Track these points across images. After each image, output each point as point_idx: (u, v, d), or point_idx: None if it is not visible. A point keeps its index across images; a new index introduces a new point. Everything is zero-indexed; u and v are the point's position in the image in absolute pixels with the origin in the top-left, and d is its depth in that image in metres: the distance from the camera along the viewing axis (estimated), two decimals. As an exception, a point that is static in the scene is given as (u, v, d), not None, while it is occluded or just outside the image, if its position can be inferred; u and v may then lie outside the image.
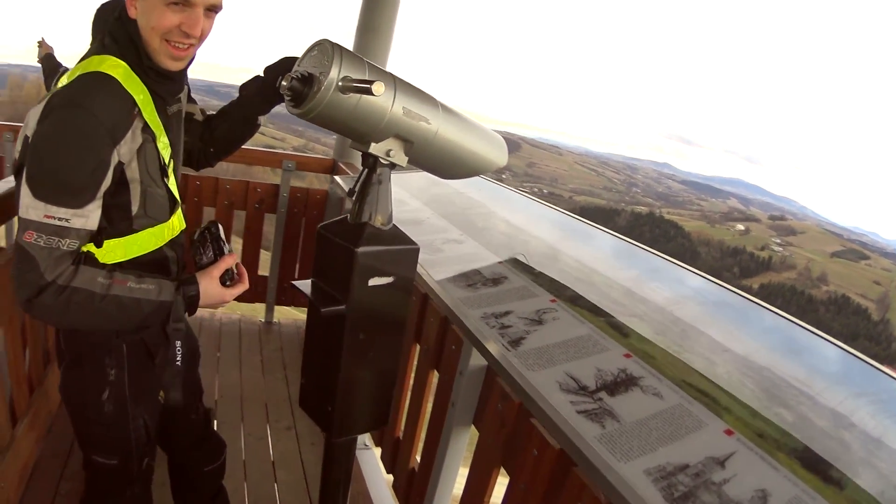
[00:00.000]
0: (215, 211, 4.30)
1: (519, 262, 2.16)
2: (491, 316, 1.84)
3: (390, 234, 1.85)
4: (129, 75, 1.44)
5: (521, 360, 1.59)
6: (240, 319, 4.52)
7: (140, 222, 1.54)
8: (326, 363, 1.90)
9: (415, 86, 1.80)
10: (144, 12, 1.42)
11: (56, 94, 1.38)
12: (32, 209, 1.35)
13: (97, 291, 1.41)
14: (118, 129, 1.40)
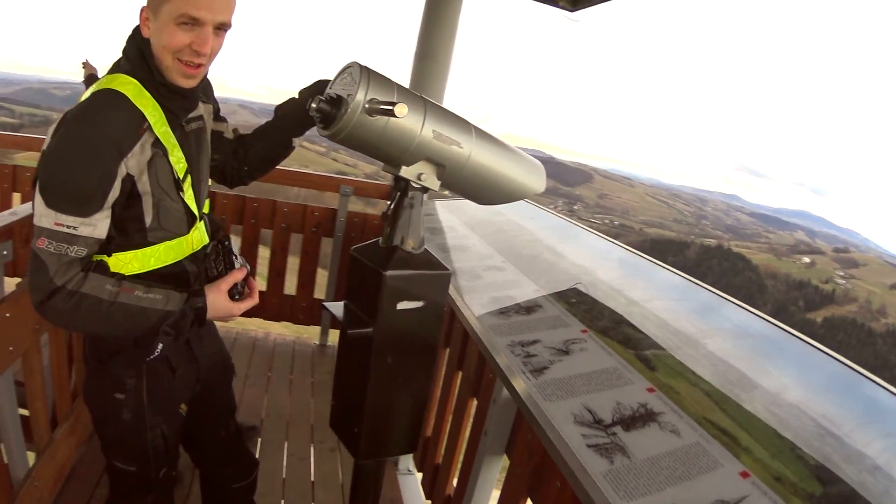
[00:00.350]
0: (272, 233, 4.39)
1: (557, 290, 2.10)
2: (517, 344, 1.81)
3: (421, 259, 1.84)
4: (141, 92, 1.50)
5: (539, 390, 1.54)
6: (294, 341, 4.59)
7: (155, 235, 1.59)
8: (355, 385, 1.89)
9: (447, 109, 1.79)
10: (157, 32, 1.47)
11: (69, 111, 1.45)
12: (44, 217, 1.41)
13: (105, 298, 1.46)
14: (125, 142, 1.45)
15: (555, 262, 2.40)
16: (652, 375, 1.48)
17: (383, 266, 1.74)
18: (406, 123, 1.64)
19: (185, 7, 1.44)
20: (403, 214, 1.81)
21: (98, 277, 1.47)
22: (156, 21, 1.46)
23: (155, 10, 1.45)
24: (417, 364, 1.90)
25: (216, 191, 4.35)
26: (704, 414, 1.30)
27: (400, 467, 3.11)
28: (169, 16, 1.45)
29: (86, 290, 1.45)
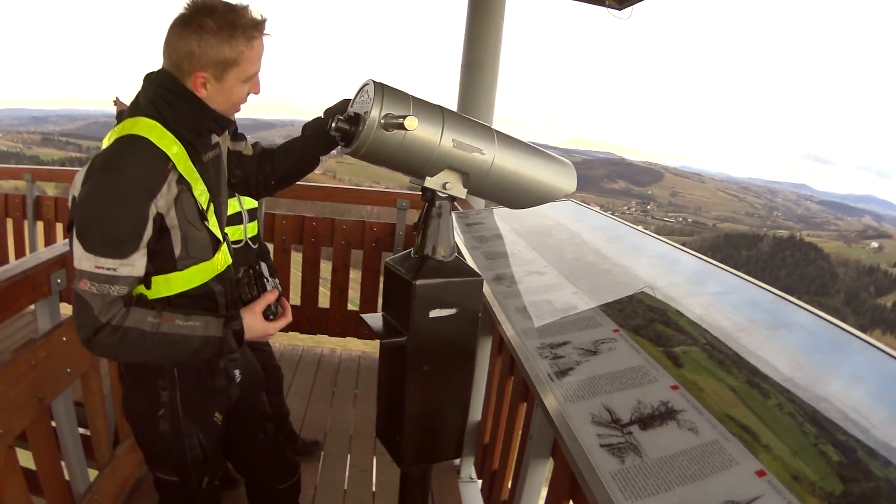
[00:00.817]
0: (333, 251, 4.46)
1: (595, 291, 2.06)
2: (547, 347, 1.78)
3: (452, 266, 1.87)
4: (164, 133, 1.57)
5: (562, 391, 1.52)
6: (360, 356, 4.65)
7: (184, 262, 1.66)
8: (394, 393, 1.92)
9: (466, 117, 1.80)
10: (221, 92, 1.62)
11: (96, 158, 1.54)
12: (84, 261, 1.49)
13: (147, 330, 1.54)
14: (153, 185, 1.52)
15: (596, 263, 2.35)
16: (678, 372, 1.43)
17: (413, 275, 1.77)
18: (424, 135, 1.68)
19: (251, 69, 1.62)
20: (432, 224, 1.84)
21: (139, 311, 1.55)
22: (219, 83, 1.59)
23: (218, 76, 1.58)
24: (455, 370, 1.91)
25: (274, 212, 4.48)
26: (727, 410, 1.25)
27: (462, 475, 3.10)
28: (237, 78, 1.61)
29: (129, 323, 1.53)
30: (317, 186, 4.63)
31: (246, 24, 1.58)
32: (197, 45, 1.54)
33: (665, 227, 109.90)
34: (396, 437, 1.93)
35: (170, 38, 1.57)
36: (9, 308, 2.10)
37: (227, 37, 1.55)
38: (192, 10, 1.55)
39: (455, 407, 1.98)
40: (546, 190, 1.92)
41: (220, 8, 1.55)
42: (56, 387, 2.14)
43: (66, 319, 2.20)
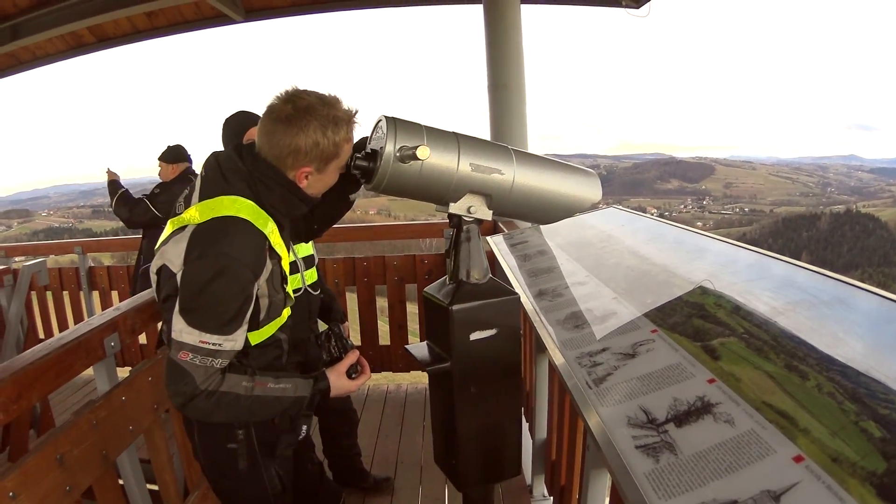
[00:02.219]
0: (387, 287, 4.51)
1: (634, 294, 1.98)
2: (585, 356, 1.74)
3: (487, 288, 1.89)
4: (258, 212, 1.67)
5: (599, 397, 1.48)
6: (425, 388, 4.61)
7: (264, 322, 1.76)
8: (446, 419, 1.96)
9: (482, 139, 1.84)
10: (320, 181, 1.75)
11: (198, 236, 1.61)
12: (187, 334, 1.56)
13: (242, 394, 1.63)
14: (258, 266, 1.64)
15: (635, 266, 2.29)
16: (715, 366, 1.38)
17: (449, 301, 1.81)
18: (441, 162, 1.72)
19: (346, 157, 1.74)
20: (463, 248, 1.89)
21: (234, 376, 1.63)
22: (320, 174, 1.73)
23: (321, 168, 1.71)
24: (502, 389, 1.94)
25: (324, 257, 4.54)
26: (764, 398, 1.18)
27: (535, 494, 3.05)
28: (336, 166, 1.74)
29: (225, 388, 1.61)
30: (364, 227, 4.72)
31: (344, 118, 1.68)
32: (304, 143, 1.64)
33: (724, 220, 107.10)
34: (452, 461, 1.94)
35: (270, 132, 1.66)
36: (66, 373, 2.16)
37: (331, 134, 1.65)
38: (292, 108, 1.64)
39: (508, 425, 1.99)
40: (570, 202, 1.94)
41: (319, 106, 1.65)
42: (119, 444, 2.20)
43: (124, 380, 2.31)
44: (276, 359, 1.89)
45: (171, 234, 1.70)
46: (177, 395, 1.60)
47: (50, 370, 2.05)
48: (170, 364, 1.60)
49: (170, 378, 1.61)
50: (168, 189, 4.43)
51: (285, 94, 1.68)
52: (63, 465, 1.85)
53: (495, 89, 4.63)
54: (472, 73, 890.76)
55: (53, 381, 2.08)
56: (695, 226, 2.84)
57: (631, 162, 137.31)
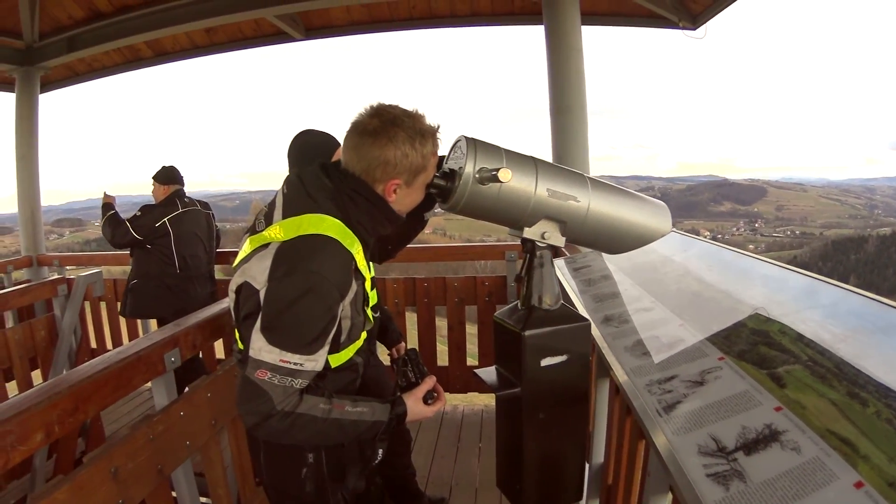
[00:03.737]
0: (447, 309, 4.70)
1: (699, 321, 2.13)
2: (655, 383, 1.88)
3: (559, 314, 2.01)
4: (345, 231, 1.77)
5: (670, 425, 1.62)
6: (482, 410, 4.82)
7: (343, 345, 1.87)
8: (513, 443, 2.04)
9: (559, 166, 1.93)
10: (408, 195, 1.85)
11: (284, 253, 1.70)
12: (266, 353, 1.65)
13: (319, 416, 1.71)
14: (344, 287, 1.73)
15: (699, 293, 2.44)
16: (781, 393, 1.52)
17: (522, 327, 1.91)
18: (519, 186, 1.81)
19: (433, 172, 1.85)
20: (535, 274, 1.98)
21: (311, 398, 1.72)
22: (408, 188, 1.82)
23: (409, 181, 1.80)
24: (570, 415, 2.03)
25: (383, 277, 4.75)
26: (828, 425, 1.33)
27: (588, 519, 3.15)
28: (423, 181, 1.84)
29: (301, 410, 1.69)
30: (426, 247, 4.89)
31: (429, 132, 1.80)
32: (393, 155, 1.74)
33: (776, 243, 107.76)
34: (517, 486, 2.04)
35: (358, 146, 1.77)
36: (125, 387, 2.25)
37: (418, 145, 1.76)
38: (379, 121, 1.75)
39: (572, 451, 2.09)
40: (642, 232, 2.02)
41: (405, 119, 1.76)
42: (175, 459, 2.30)
43: (183, 395, 2.46)
44: (350, 382, 1.99)
45: (253, 252, 1.78)
46: (251, 415, 1.67)
47: (108, 384, 2.15)
48: (245, 382, 1.68)
49: (244, 397, 1.68)
50: (150, 212, 4.99)
51: (371, 109, 1.78)
52: (117, 479, 1.95)
53: (558, 112, 4.85)
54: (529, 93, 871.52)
55: (111, 394, 2.18)
56: (747, 248, 2.94)
57: (685, 184, 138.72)
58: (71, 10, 6.77)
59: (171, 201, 5.08)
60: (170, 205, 5.06)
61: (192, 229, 5.17)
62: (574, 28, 4.81)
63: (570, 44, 4.80)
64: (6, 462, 1.75)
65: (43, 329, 4.57)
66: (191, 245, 5.15)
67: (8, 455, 1.75)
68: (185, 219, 5.11)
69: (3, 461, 1.74)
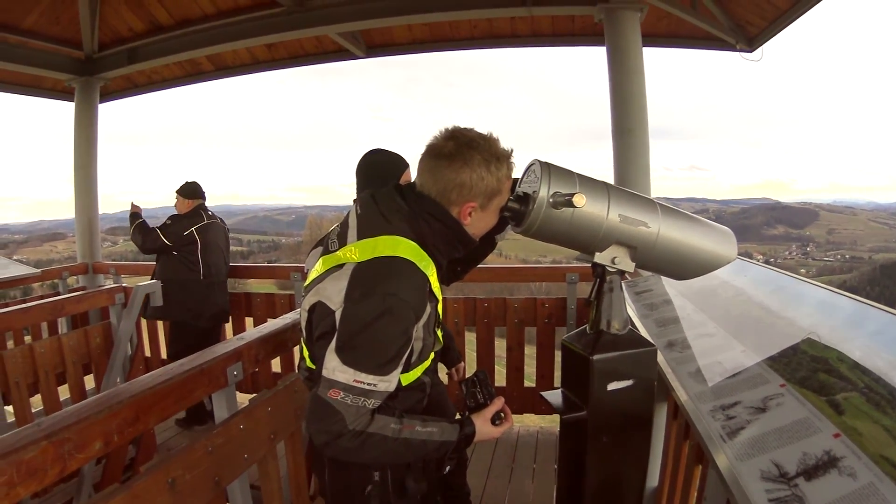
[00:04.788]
0: (506, 329, 4.85)
1: (761, 348, 2.22)
2: (719, 409, 1.99)
3: (627, 339, 2.10)
4: (420, 253, 1.85)
5: (733, 450, 1.74)
6: (538, 431, 4.97)
7: (413, 365, 1.93)
8: (575, 467, 2.15)
9: (631, 192, 2.03)
10: (482, 219, 1.94)
11: (360, 275, 1.79)
12: (340, 372, 1.72)
13: (389, 435, 1.78)
14: (420, 308, 1.81)
15: (761, 318, 2.55)
16: (839, 420, 1.63)
17: (590, 351, 2.02)
18: (592, 211, 1.91)
19: (507, 196, 1.94)
20: (605, 298, 2.09)
21: (383, 418, 1.79)
22: (483, 211, 1.91)
23: (484, 205, 1.89)
24: (633, 440, 2.13)
25: (444, 296, 4.90)
26: (882, 451, 1.45)
27: (644, 540, 3.25)
28: (498, 204, 1.93)
29: (372, 429, 1.76)
30: (486, 268, 5.04)
31: (504, 156, 1.88)
32: (469, 177, 1.83)
33: (826, 267, 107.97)
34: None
35: (433, 169, 1.86)
36: (186, 398, 2.34)
37: (494, 168, 1.84)
38: (454, 144, 1.84)
39: (633, 475, 2.18)
40: (708, 259, 2.09)
41: (481, 142, 1.84)
42: (233, 471, 2.35)
43: (243, 409, 2.54)
44: (418, 402, 2.05)
45: (327, 272, 1.86)
46: (322, 433, 1.74)
47: (170, 395, 2.24)
48: (317, 401, 1.74)
49: (316, 416, 1.74)
50: (178, 221, 5.65)
51: (446, 132, 1.86)
52: (174, 490, 2.01)
53: (620, 134, 5.03)
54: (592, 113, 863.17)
55: (173, 406, 2.27)
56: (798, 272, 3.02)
57: (739, 207, 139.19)
58: (131, 22, 7.19)
59: (196, 213, 5.74)
60: (196, 216, 5.71)
61: (216, 240, 5.80)
62: (635, 50, 5.00)
63: (631, 65, 4.98)
64: (62, 469, 1.81)
65: (98, 336, 4.81)
66: (214, 254, 5.74)
67: (65, 462, 1.81)
68: (210, 230, 5.74)
69: (60, 468, 1.80)
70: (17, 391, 4.13)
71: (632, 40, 5.02)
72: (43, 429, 1.81)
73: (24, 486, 1.68)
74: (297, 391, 2.84)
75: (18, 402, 4.15)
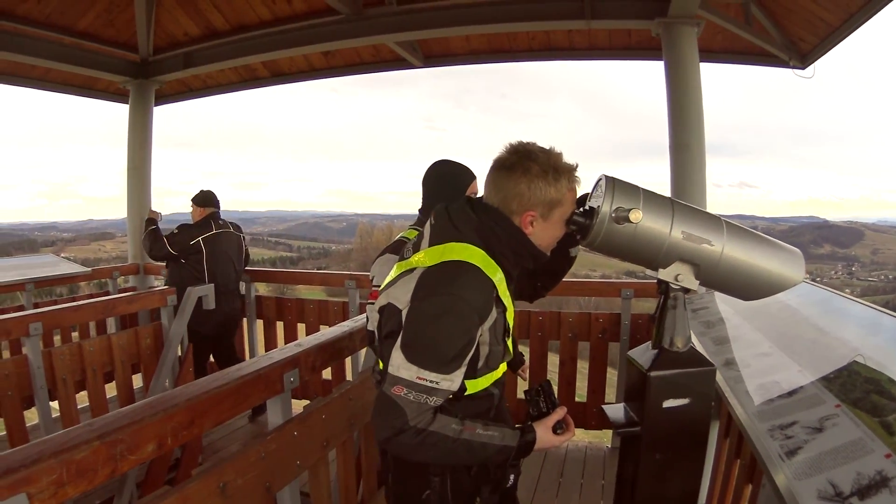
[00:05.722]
0: (560, 343, 4.99)
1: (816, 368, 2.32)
2: (777, 428, 2.08)
3: (687, 357, 2.16)
4: (487, 261, 1.96)
5: (791, 470, 1.84)
6: (587, 446, 5.09)
7: (481, 371, 2.04)
8: (629, 481, 2.25)
9: (696, 208, 2.08)
10: (545, 229, 2.04)
11: (428, 277, 1.93)
12: (404, 370, 1.85)
13: (450, 435, 1.89)
14: (484, 311, 1.91)
15: (816, 339, 2.64)
16: (891, 441, 1.72)
17: (648, 367, 2.11)
18: (655, 227, 1.96)
19: (570, 209, 2.04)
20: (668, 315, 2.16)
21: (444, 418, 1.91)
22: (545, 222, 2.01)
23: (545, 214, 2.00)
24: (686, 459, 2.21)
25: None
26: None
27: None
28: (561, 217, 2.03)
29: (433, 428, 1.87)
30: None
31: (564, 169, 1.99)
32: (527, 187, 1.96)
33: (870, 288, 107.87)
34: None
35: (496, 179, 2.01)
36: (242, 404, 2.42)
37: (552, 179, 1.96)
38: (515, 156, 1.98)
39: (684, 495, 2.25)
40: (775, 280, 2.10)
41: (540, 154, 1.97)
42: (284, 477, 2.46)
43: (298, 415, 2.66)
44: (484, 412, 2.12)
45: (399, 276, 2.02)
46: (384, 429, 1.87)
47: (226, 400, 2.32)
48: (382, 398, 1.88)
49: (380, 411, 1.88)
50: (186, 230, 6.06)
51: (510, 146, 2.01)
52: (224, 494, 2.11)
53: (677, 149, 5.22)
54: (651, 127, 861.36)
55: (228, 410, 2.36)
56: (844, 292, 3.08)
57: (787, 225, 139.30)
58: (187, 27, 7.57)
59: (205, 223, 6.14)
60: (204, 226, 6.12)
61: (224, 249, 6.20)
62: (693, 65, 5.19)
63: (689, 80, 5.17)
64: (113, 470, 1.90)
65: (149, 337, 5.10)
66: (221, 263, 6.15)
67: (116, 463, 1.90)
68: (218, 239, 6.15)
69: (111, 469, 1.88)
70: (64, 388, 4.37)
71: (689, 55, 5.19)
72: (95, 429, 1.90)
73: (72, 485, 1.77)
74: (352, 399, 2.99)
75: (64, 398, 4.38)
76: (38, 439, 1.83)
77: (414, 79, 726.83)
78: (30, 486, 1.64)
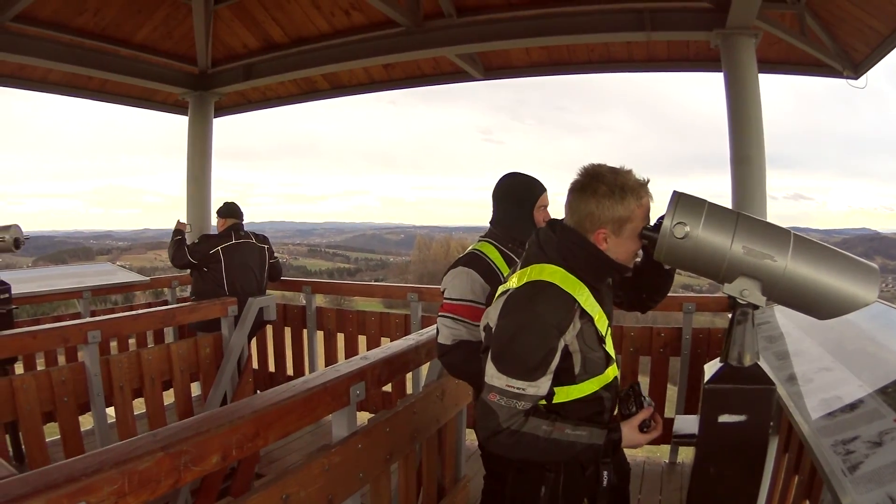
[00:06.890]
0: (621, 357, 4.89)
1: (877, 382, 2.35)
2: (840, 443, 2.14)
3: (749, 373, 2.12)
4: (567, 277, 2.14)
5: (853, 485, 1.88)
6: (644, 461, 5.08)
7: (581, 378, 2.19)
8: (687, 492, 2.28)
9: (765, 222, 2.06)
10: (619, 245, 2.16)
11: (512, 297, 2.16)
12: (496, 378, 2.10)
13: (541, 435, 2.10)
14: (563, 324, 2.09)
15: (875, 353, 2.69)
16: None
17: (707, 380, 2.12)
18: (714, 241, 1.97)
19: (642, 225, 2.14)
20: (736, 331, 2.12)
21: (536, 420, 2.11)
22: (617, 238, 2.15)
23: (617, 231, 2.13)
24: (741, 477, 2.18)
25: None
26: None
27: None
28: (633, 232, 2.15)
29: (526, 429, 2.09)
30: None
31: (633, 186, 2.12)
32: (595, 206, 2.12)
33: None
34: None
35: (571, 202, 2.19)
36: (308, 416, 2.49)
37: (619, 198, 2.10)
38: (586, 178, 2.15)
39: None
40: (843, 299, 1.99)
41: (608, 174, 2.12)
42: (346, 490, 2.51)
43: (362, 428, 2.71)
44: (596, 414, 2.27)
45: (497, 298, 2.27)
46: (483, 430, 2.12)
47: (293, 412, 2.39)
48: (481, 403, 2.13)
49: (480, 415, 2.13)
50: (206, 240, 6.36)
51: (583, 169, 2.17)
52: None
53: (738, 162, 5.18)
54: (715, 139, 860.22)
55: (295, 423, 2.42)
56: None
57: (840, 237, 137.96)
58: (245, 39, 7.74)
59: (226, 233, 6.37)
60: (225, 237, 6.34)
61: (245, 259, 6.38)
62: (752, 76, 5.18)
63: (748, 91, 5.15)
64: (176, 481, 1.92)
65: (208, 346, 5.21)
66: (241, 272, 6.32)
67: (180, 474, 1.93)
68: (238, 249, 6.34)
69: (174, 480, 1.91)
70: (121, 395, 4.49)
71: (748, 66, 5.21)
72: (159, 440, 1.94)
73: (134, 495, 1.79)
74: (416, 413, 3.07)
75: (121, 405, 4.50)
76: (101, 448, 1.90)
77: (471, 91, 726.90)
78: (90, 496, 1.67)
